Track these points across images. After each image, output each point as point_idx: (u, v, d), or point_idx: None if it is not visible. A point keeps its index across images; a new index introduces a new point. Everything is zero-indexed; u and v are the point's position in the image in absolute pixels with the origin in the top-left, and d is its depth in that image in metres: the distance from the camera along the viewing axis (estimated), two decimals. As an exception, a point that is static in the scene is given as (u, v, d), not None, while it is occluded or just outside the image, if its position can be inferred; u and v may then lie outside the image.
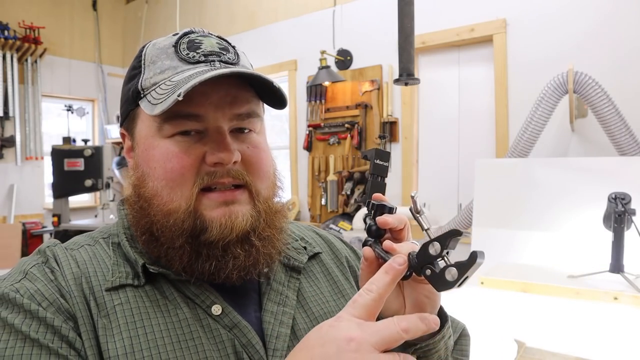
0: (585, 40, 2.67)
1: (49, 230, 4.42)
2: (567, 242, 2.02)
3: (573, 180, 2.12)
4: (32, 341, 0.50)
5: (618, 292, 1.60)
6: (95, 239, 0.64)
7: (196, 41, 0.60)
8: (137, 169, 0.61)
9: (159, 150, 0.58)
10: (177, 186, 0.57)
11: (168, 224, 0.57)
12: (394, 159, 3.51)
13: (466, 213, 2.71)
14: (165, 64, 0.59)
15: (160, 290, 0.59)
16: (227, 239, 0.57)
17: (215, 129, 0.58)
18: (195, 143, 0.58)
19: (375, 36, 3.54)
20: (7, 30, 4.80)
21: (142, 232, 0.60)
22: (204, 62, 0.59)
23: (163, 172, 0.57)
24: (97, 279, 0.58)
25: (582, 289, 1.66)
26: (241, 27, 4.43)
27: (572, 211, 2.08)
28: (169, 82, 0.57)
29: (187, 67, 0.58)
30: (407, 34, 1.99)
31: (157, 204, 0.58)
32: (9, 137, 4.86)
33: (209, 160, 0.57)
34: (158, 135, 0.59)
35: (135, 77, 0.61)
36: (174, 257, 0.58)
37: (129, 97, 0.62)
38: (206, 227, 0.57)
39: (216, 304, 0.59)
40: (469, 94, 3.25)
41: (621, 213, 1.65)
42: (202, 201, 0.58)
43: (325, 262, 0.74)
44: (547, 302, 1.64)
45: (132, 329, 0.54)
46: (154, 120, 0.58)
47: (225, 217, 0.57)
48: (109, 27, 5.84)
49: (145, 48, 0.63)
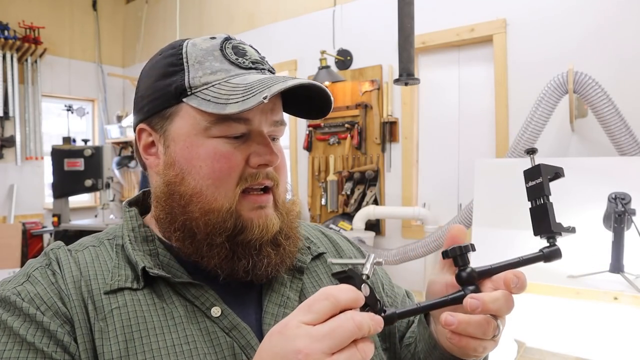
0: (585, 41, 2.67)
1: (49, 230, 4.42)
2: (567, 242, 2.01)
3: (573, 180, 2.12)
4: (29, 345, 0.51)
5: (618, 292, 1.60)
6: (100, 240, 0.65)
7: (240, 47, 0.63)
8: (172, 167, 0.61)
9: (205, 149, 0.59)
10: (222, 185, 0.59)
11: (209, 221, 0.59)
12: (394, 159, 3.51)
13: (466, 213, 2.71)
14: (215, 65, 0.61)
15: (159, 293, 0.59)
16: (263, 239, 0.60)
17: (258, 132, 0.61)
18: (240, 145, 0.60)
19: (375, 36, 3.54)
20: (7, 30, 4.80)
21: (177, 228, 0.61)
22: (255, 69, 0.62)
23: (210, 171, 0.59)
24: (97, 282, 0.58)
25: (582, 289, 1.66)
26: (241, 27, 4.43)
27: (572, 211, 2.08)
28: (226, 84, 0.59)
29: (241, 72, 0.61)
30: (407, 34, 1.99)
31: (198, 201, 0.59)
32: (9, 137, 4.86)
33: (254, 162, 0.60)
34: (203, 134, 0.60)
35: (177, 74, 0.61)
36: (210, 254, 0.59)
37: (168, 93, 0.61)
38: (245, 228, 0.59)
39: (216, 306, 0.59)
40: (469, 94, 3.25)
41: (621, 213, 1.65)
42: (242, 202, 0.60)
43: (329, 261, 0.74)
44: (547, 302, 1.64)
45: (127, 332, 0.55)
46: (203, 119, 0.59)
47: (262, 219, 0.61)
48: (109, 27, 5.83)
49: (184, 47, 0.63)
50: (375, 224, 3.56)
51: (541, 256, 0.55)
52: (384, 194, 3.56)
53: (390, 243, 3.50)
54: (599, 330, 1.43)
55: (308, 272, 0.70)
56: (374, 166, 3.57)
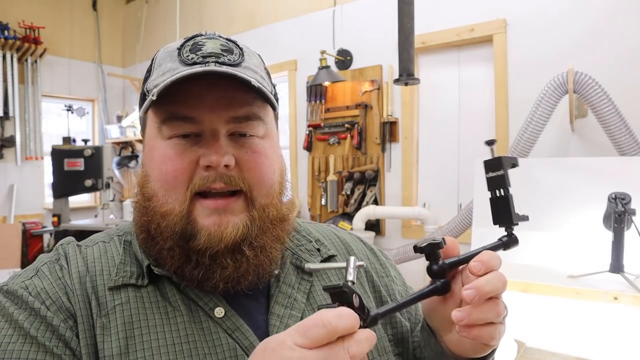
0: (585, 40, 2.67)
1: (49, 230, 4.42)
2: (567, 242, 2.02)
3: (573, 180, 2.12)
4: (32, 338, 0.52)
5: (618, 292, 1.60)
6: (110, 236, 0.66)
7: (199, 43, 0.60)
8: (142, 169, 0.63)
9: (158, 152, 0.59)
10: (171, 189, 0.57)
11: (162, 224, 0.58)
12: (394, 159, 3.51)
13: (466, 213, 2.71)
14: (167, 66, 0.59)
15: (163, 292, 0.59)
16: (215, 248, 0.56)
17: (210, 131, 0.57)
18: (191, 146, 0.58)
19: (375, 36, 3.54)
20: (7, 30, 4.79)
21: (141, 230, 0.61)
22: (200, 64, 0.57)
23: (159, 174, 0.58)
24: (102, 278, 0.59)
25: (582, 289, 1.66)
26: (241, 27, 4.43)
27: (572, 211, 2.08)
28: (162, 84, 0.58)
29: (184, 69, 0.57)
30: (407, 34, 1.99)
31: (155, 204, 0.59)
32: (9, 137, 4.86)
33: (201, 163, 0.57)
34: (159, 137, 0.59)
35: (146, 80, 0.63)
36: (166, 258, 0.58)
37: (140, 100, 0.64)
38: (196, 234, 0.57)
39: (219, 307, 0.59)
40: (469, 94, 3.25)
41: (621, 213, 1.65)
42: (196, 206, 0.57)
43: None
44: (547, 302, 1.64)
45: (129, 329, 0.55)
46: (154, 121, 0.59)
47: (215, 227, 0.56)
48: (108, 27, 5.83)
49: (158, 52, 0.64)
50: (375, 224, 3.56)
51: (501, 244, 0.58)
52: (384, 194, 3.56)
53: (390, 243, 3.50)
54: (599, 330, 1.43)
55: (318, 274, 0.69)
56: (374, 166, 3.57)
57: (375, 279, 0.73)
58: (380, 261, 0.78)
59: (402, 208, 3.39)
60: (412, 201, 3.43)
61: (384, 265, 0.77)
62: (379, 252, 0.80)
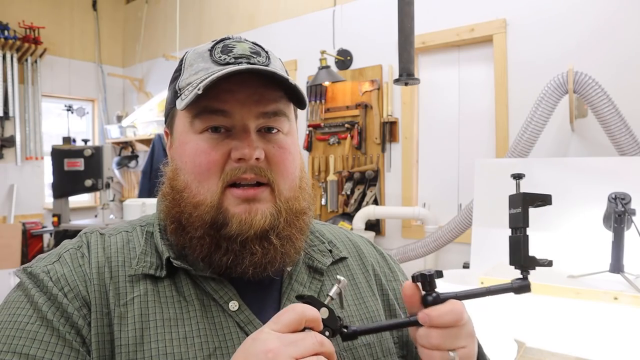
0: (585, 41, 2.67)
1: (49, 230, 4.42)
2: (567, 242, 2.02)
3: (573, 180, 2.12)
4: (48, 322, 0.55)
5: (618, 292, 1.60)
6: (134, 226, 0.69)
7: (230, 45, 0.64)
8: (171, 163, 0.66)
9: (190, 146, 0.62)
10: (204, 180, 0.61)
11: (194, 214, 0.61)
12: (394, 159, 3.51)
13: (466, 213, 2.71)
14: (200, 66, 0.63)
15: (179, 285, 0.62)
16: (245, 234, 0.59)
17: (241, 126, 0.61)
18: (223, 140, 0.61)
19: (375, 36, 3.54)
20: (7, 30, 4.80)
21: (172, 221, 0.64)
22: (233, 64, 0.62)
23: (192, 166, 0.61)
24: (123, 268, 0.62)
25: (582, 289, 1.66)
26: (241, 27, 4.43)
27: (572, 211, 2.08)
28: (198, 81, 0.61)
29: (219, 68, 0.61)
30: (407, 34, 1.99)
31: (187, 196, 0.62)
32: (9, 137, 4.86)
33: (233, 156, 0.60)
34: (190, 131, 0.62)
35: (176, 79, 0.66)
36: (195, 247, 0.61)
37: (170, 97, 0.67)
38: (227, 222, 0.60)
39: (233, 300, 0.61)
40: (468, 94, 3.25)
41: (621, 213, 1.65)
42: (227, 196, 0.61)
43: (351, 267, 0.74)
44: (547, 302, 1.64)
45: (145, 321, 0.58)
46: (186, 116, 0.62)
47: (246, 214, 0.60)
48: (109, 27, 5.83)
49: (187, 53, 0.67)
50: (375, 224, 3.56)
51: (510, 288, 0.57)
52: (384, 194, 3.56)
53: (390, 243, 3.50)
54: (599, 330, 1.43)
55: (329, 275, 0.71)
56: (374, 166, 3.57)
57: (383, 282, 0.76)
58: (390, 265, 0.80)
59: (402, 208, 3.39)
60: (412, 201, 3.43)
61: (393, 270, 0.80)
62: (389, 256, 0.82)
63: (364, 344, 0.66)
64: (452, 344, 0.55)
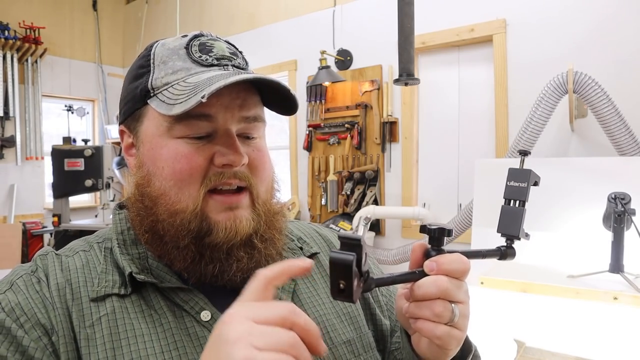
0: (585, 41, 2.67)
1: (49, 230, 4.42)
2: (567, 242, 2.02)
3: (573, 180, 2.12)
4: (1, 358, 0.50)
5: (618, 292, 1.60)
6: (90, 244, 0.64)
7: (207, 44, 0.62)
8: (141, 168, 0.61)
9: (167, 150, 0.58)
10: (185, 186, 0.58)
11: (175, 223, 0.57)
12: (394, 159, 3.51)
13: (466, 213, 2.72)
14: (178, 64, 0.60)
15: (147, 299, 0.58)
16: (231, 242, 0.58)
17: (224, 131, 0.59)
18: (204, 144, 0.59)
19: (375, 36, 3.54)
20: (7, 30, 4.80)
21: (146, 230, 0.60)
22: (217, 66, 0.60)
23: (171, 172, 0.58)
24: (85, 289, 0.57)
25: (582, 289, 1.66)
26: (241, 27, 4.43)
27: (572, 211, 2.08)
28: (183, 83, 0.58)
29: (202, 70, 0.59)
30: (407, 34, 1.99)
31: (164, 203, 0.58)
32: (9, 137, 4.86)
33: (218, 162, 0.58)
34: (167, 135, 0.59)
35: (144, 76, 0.61)
36: (177, 257, 0.58)
37: (136, 95, 0.62)
38: (212, 230, 0.57)
39: (205, 310, 0.58)
40: (468, 94, 3.25)
41: (621, 213, 1.65)
42: (208, 203, 0.58)
43: (323, 262, 0.73)
44: (547, 302, 1.64)
45: (115, 340, 0.54)
46: (164, 119, 0.59)
47: (230, 221, 0.58)
48: (109, 28, 5.84)
49: (153, 48, 0.63)
50: (375, 224, 3.56)
51: (498, 252, 0.59)
52: (384, 194, 3.56)
53: (390, 243, 3.51)
54: (599, 330, 1.43)
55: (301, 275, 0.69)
56: (374, 166, 3.57)
57: None
58: None
59: (402, 208, 3.39)
60: (412, 201, 3.43)
61: None
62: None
63: (344, 342, 0.65)
64: (456, 295, 0.52)
